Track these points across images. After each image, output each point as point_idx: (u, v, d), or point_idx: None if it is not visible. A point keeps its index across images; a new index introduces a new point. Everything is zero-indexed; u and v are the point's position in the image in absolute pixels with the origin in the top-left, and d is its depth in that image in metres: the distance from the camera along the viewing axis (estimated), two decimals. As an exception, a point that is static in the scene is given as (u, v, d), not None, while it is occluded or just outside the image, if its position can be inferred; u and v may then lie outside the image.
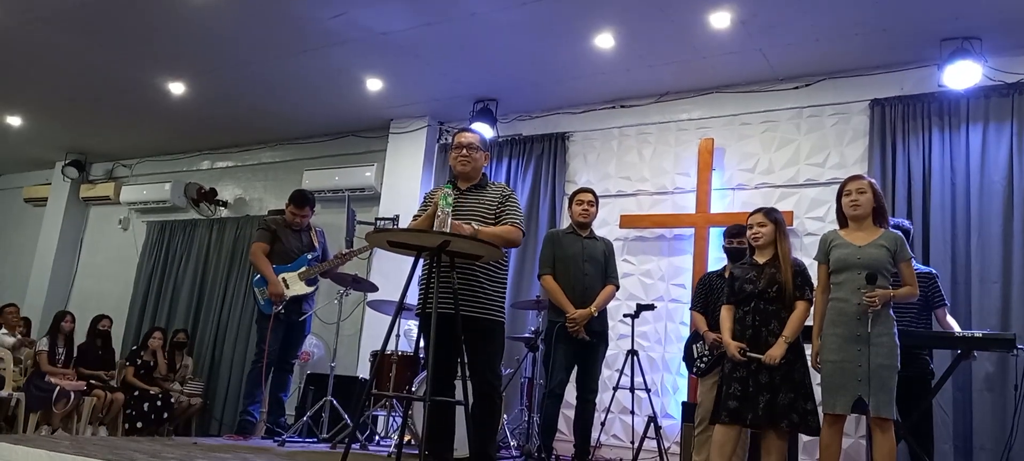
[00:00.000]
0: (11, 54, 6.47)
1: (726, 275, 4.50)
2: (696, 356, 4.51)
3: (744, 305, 3.59)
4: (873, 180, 3.58)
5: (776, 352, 3.41)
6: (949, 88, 5.07)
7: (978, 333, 3.83)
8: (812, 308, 3.56)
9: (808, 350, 3.56)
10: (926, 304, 4.14)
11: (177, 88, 6.90)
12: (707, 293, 4.54)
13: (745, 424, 3.46)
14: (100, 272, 9.17)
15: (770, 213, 3.70)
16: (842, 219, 3.58)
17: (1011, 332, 4.17)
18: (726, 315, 3.67)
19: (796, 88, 5.74)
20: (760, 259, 3.65)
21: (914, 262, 4.20)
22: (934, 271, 4.31)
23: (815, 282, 3.60)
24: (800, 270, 3.59)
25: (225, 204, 8.48)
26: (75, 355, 6.73)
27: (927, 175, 5.14)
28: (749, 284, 3.57)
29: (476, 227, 3.26)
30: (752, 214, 3.75)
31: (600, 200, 4.82)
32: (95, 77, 6.83)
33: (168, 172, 8.93)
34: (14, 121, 8.25)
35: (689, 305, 4.80)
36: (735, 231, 4.52)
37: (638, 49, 5.56)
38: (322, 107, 7.12)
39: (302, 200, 5.44)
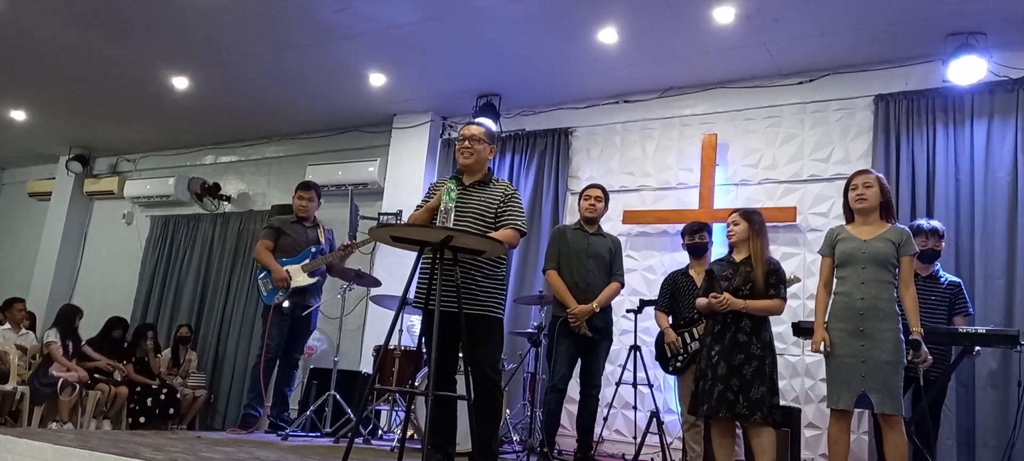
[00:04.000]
0: (16, 48, 6.49)
1: (685, 273, 4.67)
2: (670, 355, 4.54)
3: None
4: (880, 174, 3.57)
5: (731, 301, 3.50)
6: (954, 83, 5.06)
7: (982, 329, 3.82)
8: (784, 305, 3.62)
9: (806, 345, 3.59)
10: (950, 311, 4.16)
11: (181, 83, 6.91)
12: (672, 292, 4.67)
13: (708, 417, 3.57)
14: (104, 266, 9.20)
15: (746, 213, 3.74)
16: (849, 214, 3.57)
17: (1015, 328, 4.16)
18: (700, 307, 3.77)
19: (800, 83, 5.72)
20: (737, 257, 3.72)
21: (942, 271, 4.21)
22: (959, 280, 4.31)
23: (817, 276, 3.61)
24: (774, 269, 3.62)
25: (228, 199, 8.49)
26: (82, 345, 6.77)
27: (931, 171, 5.12)
28: (724, 281, 3.64)
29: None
30: (732, 212, 3.81)
31: (603, 196, 4.81)
32: (99, 71, 6.84)
33: (172, 167, 8.95)
34: (18, 115, 8.27)
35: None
36: (693, 229, 4.72)
37: (642, 44, 5.55)
38: (326, 102, 7.12)
39: (308, 185, 5.56)
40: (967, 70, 4.93)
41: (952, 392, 4.64)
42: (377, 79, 6.51)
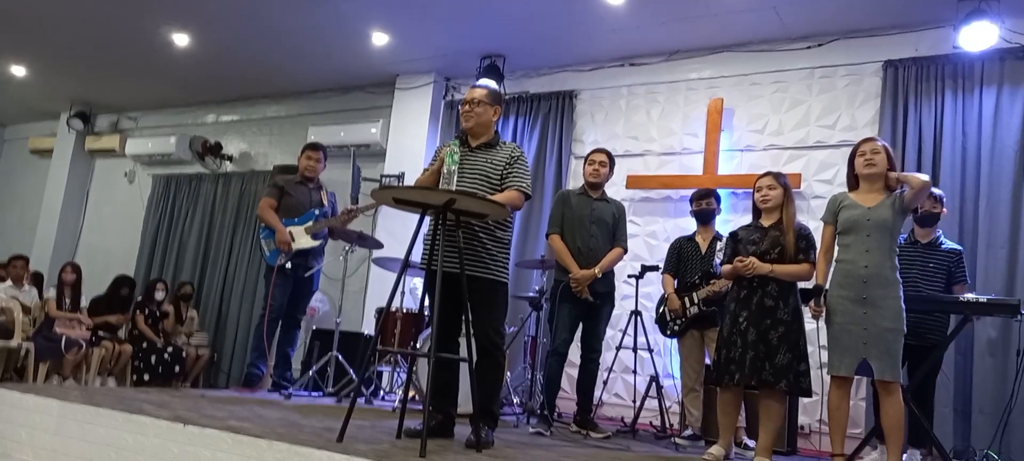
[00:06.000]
0: (16, 3, 6.41)
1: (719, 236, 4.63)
2: (669, 319, 4.55)
3: None
4: (887, 145, 3.54)
5: (757, 265, 3.46)
6: (964, 50, 4.99)
7: (983, 298, 3.82)
8: (814, 270, 3.54)
9: (806, 312, 3.57)
10: (949, 279, 4.16)
11: (182, 40, 6.84)
12: (677, 258, 4.68)
13: (738, 385, 3.48)
14: (106, 225, 9.21)
15: (779, 177, 3.70)
16: (853, 181, 3.55)
17: (1016, 298, 4.16)
18: (724, 274, 3.71)
19: (808, 48, 5.65)
20: (766, 222, 3.66)
21: (943, 238, 4.24)
22: (960, 248, 4.30)
23: (819, 243, 3.59)
24: (805, 234, 3.59)
25: (230, 158, 8.46)
26: (86, 306, 6.80)
27: (938, 138, 5.09)
28: (752, 246, 3.58)
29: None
30: (762, 177, 3.73)
31: (607, 160, 4.78)
32: (100, 27, 6.77)
33: (173, 125, 8.90)
34: (19, 71, 8.21)
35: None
36: (701, 195, 4.71)
37: (649, 6, 5.47)
38: (328, 61, 7.06)
39: (316, 145, 5.62)
40: (978, 36, 4.86)
41: (949, 360, 4.66)
42: (380, 39, 6.44)
